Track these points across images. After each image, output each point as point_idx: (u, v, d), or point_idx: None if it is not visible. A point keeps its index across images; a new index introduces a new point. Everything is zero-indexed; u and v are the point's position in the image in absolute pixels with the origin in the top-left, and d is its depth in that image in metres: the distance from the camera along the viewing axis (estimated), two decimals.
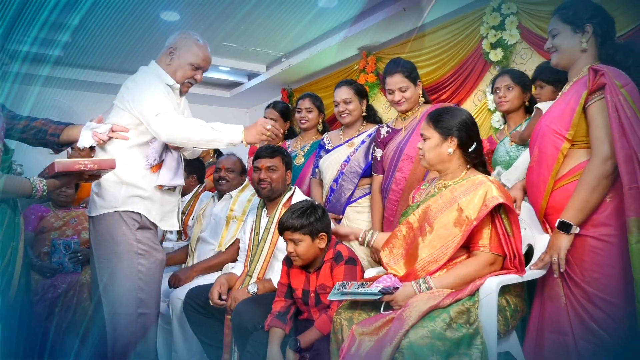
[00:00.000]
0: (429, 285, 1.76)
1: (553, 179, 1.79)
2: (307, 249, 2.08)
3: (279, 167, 2.56)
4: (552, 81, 2.39)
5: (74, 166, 1.84)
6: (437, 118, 1.93)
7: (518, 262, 1.77)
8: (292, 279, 2.21)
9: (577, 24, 1.82)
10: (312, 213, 2.08)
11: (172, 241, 3.44)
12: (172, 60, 2.19)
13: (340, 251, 2.12)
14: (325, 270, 2.11)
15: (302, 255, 2.08)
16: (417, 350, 1.53)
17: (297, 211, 2.09)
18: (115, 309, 2.06)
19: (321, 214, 2.11)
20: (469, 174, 1.92)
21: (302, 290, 2.15)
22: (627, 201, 1.59)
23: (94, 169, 1.88)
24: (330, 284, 2.06)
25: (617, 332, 1.63)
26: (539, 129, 1.89)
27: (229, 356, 2.43)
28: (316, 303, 2.12)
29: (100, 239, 2.11)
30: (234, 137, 2.05)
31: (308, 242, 2.07)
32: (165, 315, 2.91)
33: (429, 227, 1.88)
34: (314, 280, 2.13)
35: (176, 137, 2.03)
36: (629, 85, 1.68)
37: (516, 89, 2.56)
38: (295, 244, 2.07)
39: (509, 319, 1.79)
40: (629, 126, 1.61)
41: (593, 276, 1.68)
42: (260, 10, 4.08)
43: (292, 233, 2.07)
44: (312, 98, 3.23)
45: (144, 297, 2.08)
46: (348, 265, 2.07)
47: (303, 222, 2.06)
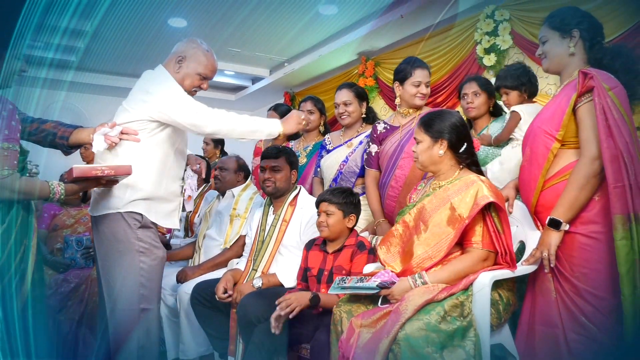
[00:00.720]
0: (425, 280, 1.76)
1: (543, 178, 1.79)
2: (336, 223, 2.20)
3: (283, 167, 2.57)
4: (515, 86, 2.39)
5: (91, 172, 1.83)
6: (427, 122, 1.94)
7: (509, 258, 1.76)
8: (309, 259, 2.30)
9: (565, 30, 1.81)
10: (349, 195, 2.26)
11: (179, 238, 3.45)
12: (181, 69, 2.15)
13: (363, 241, 2.22)
14: (346, 254, 2.20)
15: (331, 227, 2.20)
16: (413, 342, 1.53)
17: (338, 190, 2.29)
18: (118, 304, 2.05)
19: (356, 201, 2.29)
20: (461, 174, 1.91)
21: (318, 269, 2.23)
22: (613, 199, 1.58)
23: (111, 175, 1.87)
24: (347, 267, 2.16)
25: (605, 325, 1.62)
26: (531, 130, 1.89)
27: (234, 347, 2.44)
28: (328, 281, 2.16)
29: (102, 238, 2.09)
30: (273, 128, 2.16)
31: (339, 217, 2.21)
32: (173, 308, 2.92)
33: (423, 226, 1.88)
34: (330, 260, 2.22)
35: (222, 128, 2.09)
36: (616, 88, 1.67)
37: (483, 96, 2.56)
38: (327, 215, 2.20)
39: (501, 312, 1.79)
40: (616, 127, 1.61)
41: (582, 271, 1.68)
42: (264, 18, 4.09)
43: (328, 205, 2.21)
44: (314, 101, 3.23)
45: (146, 293, 2.07)
46: (370, 255, 2.16)
47: (339, 199, 2.22)
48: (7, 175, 1.67)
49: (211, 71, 2.20)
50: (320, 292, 2.17)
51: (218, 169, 3.10)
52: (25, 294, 1.75)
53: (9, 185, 1.68)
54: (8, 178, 1.67)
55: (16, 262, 1.74)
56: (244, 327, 2.26)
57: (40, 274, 1.84)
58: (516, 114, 2.28)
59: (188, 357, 2.80)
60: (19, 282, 1.74)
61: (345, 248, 2.22)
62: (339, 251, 2.22)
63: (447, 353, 1.55)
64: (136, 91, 2.13)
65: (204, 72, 2.16)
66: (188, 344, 2.76)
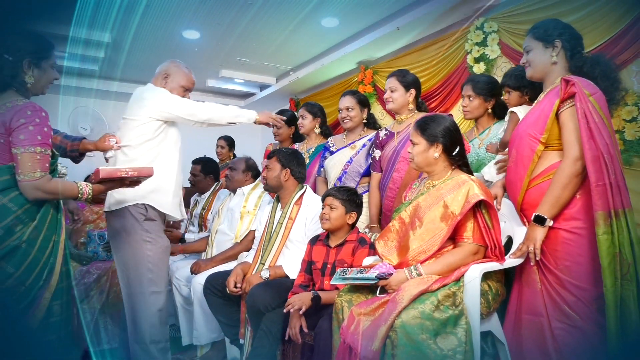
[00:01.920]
0: (420, 272, 1.76)
1: (529, 178, 1.78)
2: (338, 217, 2.22)
3: (273, 167, 2.61)
4: (517, 87, 2.27)
5: (116, 173, 1.88)
6: (423, 126, 1.94)
7: (498, 251, 1.77)
8: (313, 254, 2.29)
9: (548, 40, 1.81)
10: (353, 195, 2.28)
11: (194, 233, 3.46)
12: (167, 84, 2.37)
13: (364, 237, 2.23)
14: (348, 249, 2.20)
15: (333, 220, 2.21)
16: (408, 329, 1.54)
17: (344, 188, 2.32)
18: (131, 289, 2.18)
19: (359, 201, 2.30)
20: (453, 174, 1.92)
21: (322, 263, 2.23)
22: (595, 197, 1.58)
23: (134, 176, 1.91)
24: (350, 261, 2.16)
25: (587, 314, 1.62)
26: (517, 133, 1.88)
27: (244, 330, 2.45)
28: (331, 273, 2.17)
29: (114, 232, 2.23)
30: (251, 115, 2.49)
31: (341, 212, 2.22)
32: (187, 298, 2.93)
33: (418, 222, 1.88)
34: (333, 254, 2.22)
35: (214, 115, 2.35)
36: (597, 94, 1.67)
37: (476, 100, 2.44)
38: (331, 209, 2.22)
39: (490, 302, 1.79)
40: (597, 130, 1.60)
41: (565, 264, 1.67)
42: (270, 30, 4.09)
43: (332, 199, 2.24)
44: (306, 106, 3.25)
45: (153, 277, 2.19)
46: (371, 250, 2.16)
47: (344, 196, 2.24)
48: (40, 177, 1.70)
49: (192, 83, 2.44)
50: (324, 283, 2.18)
51: (228, 169, 3.12)
52: (53, 285, 1.76)
53: (42, 186, 1.71)
54: (40, 179, 1.70)
55: (45, 257, 1.76)
56: (252, 315, 2.27)
57: (67, 266, 1.85)
58: (514, 115, 2.17)
59: (201, 343, 2.81)
60: (48, 275, 1.76)
61: (347, 243, 2.22)
62: (341, 245, 2.22)
63: (440, 339, 1.56)
64: (132, 103, 2.29)
65: (186, 85, 2.41)
66: (201, 331, 2.77)
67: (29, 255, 1.71)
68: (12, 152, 1.69)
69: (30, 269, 1.71)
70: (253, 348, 2.16)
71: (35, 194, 1.71)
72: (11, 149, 1.69)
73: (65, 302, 1.82)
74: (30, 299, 1.72)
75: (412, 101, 2.60)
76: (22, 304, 1.70)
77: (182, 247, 3.18)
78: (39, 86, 1.84)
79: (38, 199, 1.73)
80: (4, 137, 1.70)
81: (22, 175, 1.68)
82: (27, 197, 1.71)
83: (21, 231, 1.71)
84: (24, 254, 1.70)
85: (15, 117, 1.68)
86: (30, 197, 1.71)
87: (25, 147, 1.67)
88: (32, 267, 1.71)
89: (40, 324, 1.75)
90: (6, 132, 1.69)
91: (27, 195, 1.70)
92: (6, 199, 1.70)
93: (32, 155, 1.68)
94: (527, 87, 2.21)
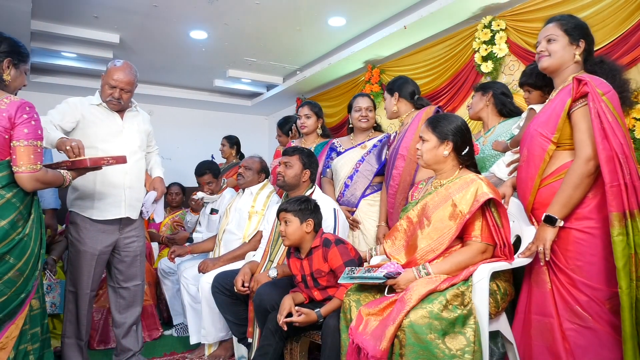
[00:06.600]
0: (428, 271, 1.74)
1: (540, 177, 1.76)
2: (295, 230, 2.14)
3: (294, 164, 2.55)
4: (539, 86, 2.15)
5: (100, 161, 2.05)
6: (435, 123, 1.92)
7: (507, 250, 1.74)
8: (292, 268, 2.23)
9: (575, 37, 1.77)
10: (303, 202, 2.19)
11: (201, 232, 3.45)
12: (101, 83, 2.47)
13: (327, 237, 2.14)
14: (318, 257, 2.11)
15: (290, 235, 2.14)
16: (417, 329, 1.52)
17: (293, 199, 2.22)
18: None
19: (313, 206, 2.20)
20: (461, 174, 1.90)
21: (301, 275, 2.18)
22: (609, 198, 1.55)
23: (113, 163, 2.11)
24: (326, 268, 2.09)
25: (599, 313, 1.60)
26: (528, 132, 1.86)
27: (252, 329, 2.44)
28: (314, 284, 2.13)
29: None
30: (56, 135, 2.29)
31: (297, 224, 2.14)
32: (195, 296, 2.92)
33: (427, 221, 1.86)
34: (306, 265, 2.15)
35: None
36: (609, 92, 1.64)
37: (477, 95, 2.54)
38: (286, 224, 2.15)
39: (499, 302, 1.77)
40: (610, 130, 1.57)
41: (577, 264, 1.65)
42: (277, 30, 4.09)
43: (285, 214, 2.17)
44: (310, 105, 3.22)
45: (71, 277, 2.43)
46: (339, 246, 2.09)
47: (295, 207, 2.16)
48: (39, 168, 1.81)
49: (114, 80, 2.42)
50: (313, 294, 2.14)
51: (243, 167, 3.10)
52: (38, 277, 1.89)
53: (41, 178, 1.82)
54: (40, 171, 1.81)
55: (37, 248, 1.87)
56: (259, 313, 2.26)
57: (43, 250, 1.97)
58: (533, 112, 2.06)
59: (209, 342, 2.81)
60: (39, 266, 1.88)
61: (314, 251, 2.13)
62: (310, 255, 2.14)
63: (449, 339, 1.54)
64: None
65: (109, 82, 2.43)
66: (209, 330, 2.77)
67: (28, 248, 1.81)
68: (11, 145, 1.76)
69: (28, 260, 1.81)
70: (259, 347, 2.15)
71: (34, 185, 1.80)
72: (11, 142, 1.76)
73: (42, 295, 1.95)
74: (29, 289, 1.82)
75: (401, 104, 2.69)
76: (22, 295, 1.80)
77: (190, 248, 3.18)
78: (12, 87, 1.92)
79: (35, 190, 1.84)
80: (8, 133, 1.76)
81: (23, 167, 1.76)
82: (24, 189, 1.80)
83: (23, 225, 1.81)
84: (24, 247, 1.80)
85: (18, 111, 1.76)
86: (28, 188, 1.80)
87: (28, 141, 1.77)
88: (29, 259, 1.81)
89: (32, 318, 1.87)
90: (10, 127, 1.76)
91: (25, 187, 1.79)
92: (10, 195, 1.78)
93: (34, 148, 1.78)
94: (548, 86, 2.06)
